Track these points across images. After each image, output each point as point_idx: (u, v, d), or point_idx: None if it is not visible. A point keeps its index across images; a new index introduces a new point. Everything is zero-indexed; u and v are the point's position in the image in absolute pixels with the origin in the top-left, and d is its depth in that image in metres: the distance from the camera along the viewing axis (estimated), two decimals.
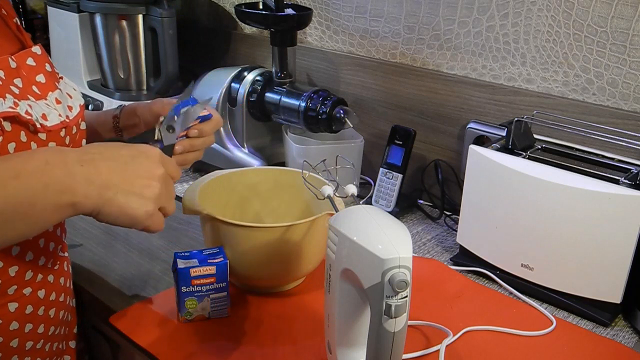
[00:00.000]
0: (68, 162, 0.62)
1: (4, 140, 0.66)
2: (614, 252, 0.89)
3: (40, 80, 0.74)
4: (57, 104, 0.75)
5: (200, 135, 0.85)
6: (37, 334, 0.78)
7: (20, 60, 0.72)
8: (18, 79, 0.71)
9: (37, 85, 0.74)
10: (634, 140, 0.96)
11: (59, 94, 0.77)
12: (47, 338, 0.80)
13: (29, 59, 0.74)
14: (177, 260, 0.87)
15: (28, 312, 0.76)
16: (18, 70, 0.71)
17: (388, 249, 0.65)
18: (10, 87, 0.69)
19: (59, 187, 0.61)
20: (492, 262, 1.03)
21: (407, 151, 1.23)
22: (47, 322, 0.79)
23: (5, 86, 0.68)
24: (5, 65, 0.70)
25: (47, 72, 0.76)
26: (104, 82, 1.56)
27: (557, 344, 0.88)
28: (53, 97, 0.75)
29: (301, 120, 1.28)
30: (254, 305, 0.94)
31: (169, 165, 0.70)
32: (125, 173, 0.65)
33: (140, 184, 0.66)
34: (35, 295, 0.76)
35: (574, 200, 0.91)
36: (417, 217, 1.27)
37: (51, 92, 0.75)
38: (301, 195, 1.02)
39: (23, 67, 0.73)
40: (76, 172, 0.62)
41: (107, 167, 0.64)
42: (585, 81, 1.11)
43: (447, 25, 1.26)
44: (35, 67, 0.75)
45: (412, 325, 0.90)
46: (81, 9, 1.51)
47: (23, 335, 0.76)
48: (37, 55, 0.76)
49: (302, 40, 1.50)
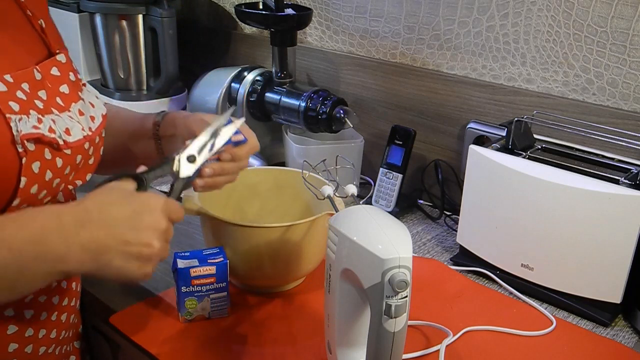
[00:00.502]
0: (65, 227, 0.60)
1: (28, 160, 0.65)
2: (614, 252, 0.89)
3: (64, 91, 0.73)
4: (80, 115, 0.74)
5: (232, 160, 0.80)
6: (50, 339, 0.78)
7: (44, 70, 0.71)
8: (43, 91, 0.70)
9: (60, 96, 0.72)
10: (634, 140, 0.96)
11: (82, 104, 0.75)
12: (57, 342, 0.80)
13: (54, 68, 0.73)
14: (177, 260, 0.87)
15: (43, 318, 0.76)
16: (43, 82, 0.70)
17: (388, 249, 0.65)
18: (35, 101, 0.68)
19: (52, 257, 0.60)
20: (492, 262, 1.03)
21: (407, 151, 1.23)
22: (59, 327, 0.79)
23: (29, 101, 0.67)
24: (31, 78, 0.69)
25: (70, 82, 0.75)
26: (104, 82, 1.56)
27: (557, 344, 0.88)
28: (76, 109, 0.74)
29: (301, 120, 1.28)
30: (254, 305, 0.94)
31: (172, 212, 0.67)
32: (125, 236, 0.63)
33: (140, 244, 0.63)
34: (50, 302, 0.77)
35: (574, 200, 0.91)
36: (417, 217, 1.27)
37: (74, 103, 0.74)
38: (301, 195, 1.02)
39: (47, 78, 0.71)
40: (72, 239, 0.60)
41: (105, 231, 0.62)
42: (585, 81, 1.11)
43: (447, 25, 1.26)
44: (60, 77, 0.73)
45: (412, 325, 0.90)
46: (81, 9, 1.51)
47: (37, 341, 0.76)
48: (62, 64, 0.75)
49: (302, 40, 1.50)
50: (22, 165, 0.64)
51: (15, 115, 0.64)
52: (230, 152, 0.80)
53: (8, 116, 0.64)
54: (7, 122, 0.64)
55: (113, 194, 0.65)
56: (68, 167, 0.71)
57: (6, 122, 0.64)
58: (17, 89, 0.67)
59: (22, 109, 0.66)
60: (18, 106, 0.66)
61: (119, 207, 0.63)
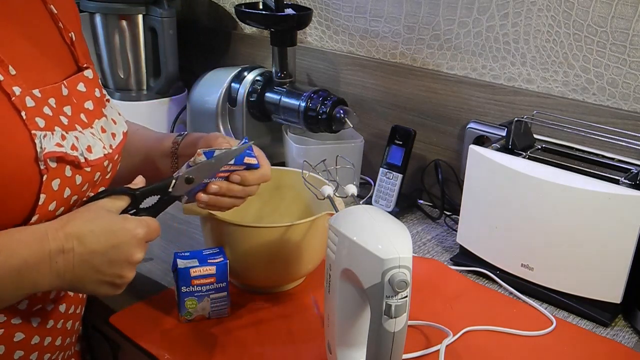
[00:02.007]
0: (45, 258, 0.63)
1: (49, 177, 0.65)
2: (614, 252, 0.89)
3: (89, 107, 0.74)
4: (102, 132, 0.74)
5: (241, 183, 0.79)
6: (55, 346, 0.78)
7: (71, 85, 0.72)
8: (68, 106, 0.70)
9: (85, 112, 0.73)
10: (634, 140, 0.96)
11: (105, 121, 0.76)
12: (61, 348, 0.81)
13: (80, 84, 0.73)
14: (177, 260, 0.87)
15: (49, 326, 0.76)
16: (69, 98, 0.71)
17: (388, 249, 0.65)
18: (60, 117, 0.68)
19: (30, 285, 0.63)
20: (492, 262, 1.03)
21: (407, 151, 1.23)
22: (64, 334, 0.80)
23: (55, 117, 0.68)
24: (58, 93, 0.69)
25: (95, 98, 0.75)
26: (104, 82, 1.56)
27: (557, 344, 0.88)
28: (99, 126, 0.74)
29: (301, 120, 1.28)
30: (254, 305, 0.94)
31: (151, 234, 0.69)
32: (100, 267, 0.65)
33: (113, 275, 0.66)
34: (57, 310, 0.77)
35: (574, 200, 0.91)
36: (417, 217, 1.27)
37: (97, 120, 0.74)
38: (301, 195, 1.02)
39: (74, 94, 0.72)
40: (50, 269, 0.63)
41: (81, 263, 0.64)
42: (585, 81, 1.11)
43: (447, 25, 1.26)
44: (85, 93, 0.74)
45: (412, 325, 0.90)
46: (81, 9, 1.51)
47: (42, 348, 0.76)
48: (89, 80, 0.75)
49: (302, 40, 1.50)
50: (43, 182, 0.65)
51: (40, 132, 0.65)
52: (240, 175, 0.79)
53: (33, 132, 0.64)
54: (32, 139, 0.64)
55: (97, 221, 0.66)
56: (86, 185, 0.72)
57: (31, 138, 0.64)
58: (45, 105, 0.67)
59: (47, 125, 0.66)
60: (44, 122, 0.66)
61: (99, 239, 0.65)
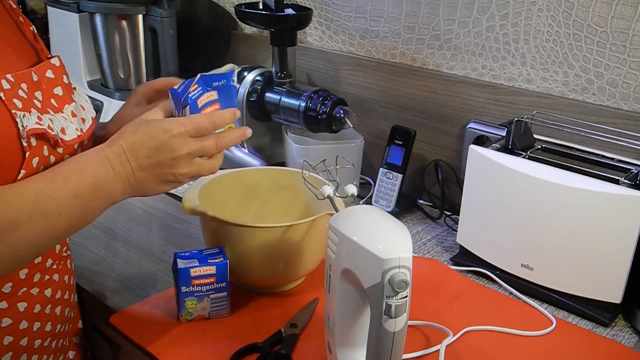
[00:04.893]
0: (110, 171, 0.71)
1: (30, 155, 0.68)
2: (614, 252, 0.89)
3: (58, 92, 0.76)
4: (72, 117, 0.76)
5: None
6: (45, 332, 0.79)
7: (40, 72, 0.74)
8: (39, 92, 0.72)
9: (55, 98, 0.75)
10: (634, 140, 0.96)
11: (75, 106, 0.78)
12: (53, 335, 0.81)
13: (48, 71, 0.76)
14: (177, 260, 0.87)
15: (36, 311, 0.77)
16: (39, 84, 0.73)
17: (388, 249, 0.65)
18: (33, 100, 0.71)
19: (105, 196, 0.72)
20: (492, 262, 1.03)
21: (407, 151, 1.23)
22: (54, 320, 0.81)
23: (29, 100, 0.70)
24: (28, 78, 0.71)
25: (64, 85, 0.77)
26: (104, 82, 1.56)
27: (557, 344, 0.88)
28: (69, 110, 0.76)
29: (301, 120, 1.28)
30: (254, 305, 0.94)
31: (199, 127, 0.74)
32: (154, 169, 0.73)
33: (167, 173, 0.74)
34: (43, 295, 0.78)
35: (574, 200, 0.91)
36: (417, 217, 1.27)
37: (67, 105, 0.76)
38: (301, 195, 1.02)
39: (43, 80, 0.74)
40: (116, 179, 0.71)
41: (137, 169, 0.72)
42: (585, 81, 1.11)
43: (447, 25, 1.26)
44: (54, 80, 0.76)
45: (412, 325, 0.90)
46: (81, 9, 1.51)
47: (32, 334, 0.77)
48: (56, 67, 0.77)
49: (302, 40, 1.50)
50: (25, 159, 0.68)
51: (19, 112, 0.67)
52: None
53: (14, 112, 0.66)
54: (13, 118, 0.66)
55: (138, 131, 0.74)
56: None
57: (12, 117, 0.66)
58: (18, 89, 0.69)
59: (24, 107, 0.68)
60: (21, 104, 0.68)
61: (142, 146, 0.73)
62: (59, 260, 0.81)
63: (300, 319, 0.89)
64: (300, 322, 0.88)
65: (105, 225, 1.17)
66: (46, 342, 0.80)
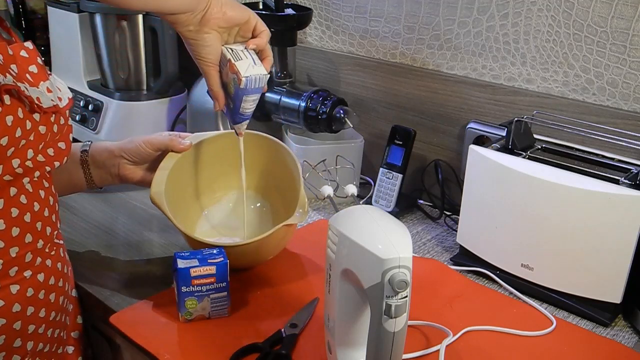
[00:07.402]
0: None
1: (3, 112, 0.69)
2: (614, 252, 0.89)
3: (33, 70, 0.78)
4: (48, 92, 0.78)
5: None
6: (39, 317, 0.80)
7: (15, 50, 0.76)
8: (14, 65, 0.74)
9: (30, 74, 0.77)
10: (634, 140, 0.96)
11: (50, 84, 0.80)
12: (48, 323, 0.82)
13: (22, 51, 0.77)
14: (177, 260, 0.87)
15: (29, 294, 0.78)
16: (14, 58, 0.75)
17: (388, 249, 0.65)
18: (9, 68, 0.72)
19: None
20: (492, 262, 1.03)
21: (407, 151, 1.23)
22: (47, 307, 0.81)
23: (5, 66, 0.72)
24: (4, 51, 0.73)
25: (39, 65, 0.79)
26: (104, 82, 1.56)
27: (557, 344, 0.88)
28: (45, 86, 0.78)
29: (301, 120, 1.28)
30: (254, 305, 0.94)
31: None
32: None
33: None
34: (35, 279, 0.79)
35: (574, 200, 0.91)
36: (417, 217, 1.27)
37: (43, 82, 0.78)
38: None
39: (17, 57, 0.76)
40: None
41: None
42: (585, 81, 1.11)
43: (447, 25, 1.26)
44: (28, 59, 0.78)
45: (412, 325, 0.90)
46: (81, 9, 1.51)
47: (25, 318, 0.78)
48: (30, 50, 0.79)
49: (302, 40, 1.50)
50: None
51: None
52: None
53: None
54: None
55: None
56: (33, 134, 0.75)
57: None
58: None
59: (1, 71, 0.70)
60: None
61: None
62: (51, 245, 0.82)
63: (300, 319, 0.89)
64: (300, 322, 0.88)
65: (105, 225, 1.17)
66: (41, 329, 0.80)
